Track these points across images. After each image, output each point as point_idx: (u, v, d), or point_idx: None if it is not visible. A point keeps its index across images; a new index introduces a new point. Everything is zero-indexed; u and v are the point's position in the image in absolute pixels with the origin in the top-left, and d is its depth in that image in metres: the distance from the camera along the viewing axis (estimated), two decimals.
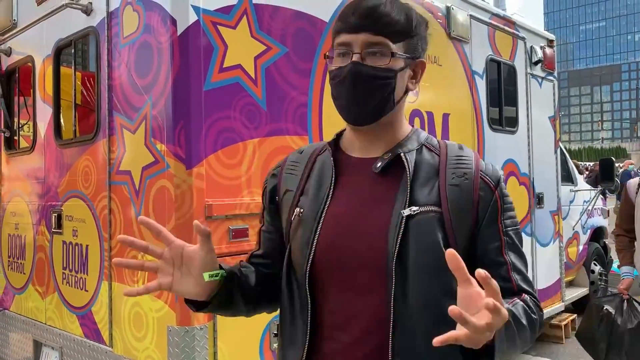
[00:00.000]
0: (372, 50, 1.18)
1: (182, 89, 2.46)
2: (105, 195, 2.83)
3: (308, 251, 1.21)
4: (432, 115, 3.75)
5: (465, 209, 1.18)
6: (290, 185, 1.31)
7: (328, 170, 1.26)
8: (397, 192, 1.19)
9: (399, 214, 1.16)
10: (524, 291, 1.20)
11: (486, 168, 1.24)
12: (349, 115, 1.23)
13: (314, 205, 1.24)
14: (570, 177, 6.25)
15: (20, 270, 3.70)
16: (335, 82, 1.22)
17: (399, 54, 1.19)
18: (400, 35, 1.20)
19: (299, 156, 1.35)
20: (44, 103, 3.48)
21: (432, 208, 1.17)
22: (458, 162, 1.23)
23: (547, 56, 5.18)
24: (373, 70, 1.17)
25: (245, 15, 2.66)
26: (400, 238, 1.15)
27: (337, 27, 1.22)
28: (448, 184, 1.19)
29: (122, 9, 2.75)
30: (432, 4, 3.83)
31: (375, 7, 1.17)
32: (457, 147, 1.28)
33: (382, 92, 1.19)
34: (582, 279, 6.34)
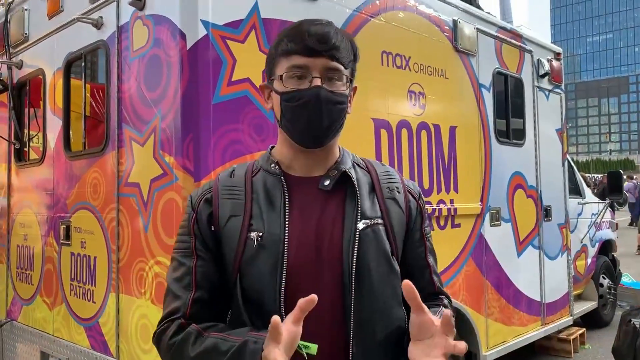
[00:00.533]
0: (330, 75, 1.22)
1: (191, 102, 2.48)
2: (113, 207, 2.85)
3: (278, 276, 1.18)
4: (439, 127, 3.76)
5: (401, 219, 1.32)
6: (233, 210, 1.24)
7: (276, 191, 1.25)
8: (344, 207, 1.26)
9: (353, 228, 1.23)
10: (441, 292, 1.40)
11: (408, 182, 1.39)
12: (307, 137, 1.24)
13: (272, 228, 1.21)
14: (578, 189, 6.23)
15: (29, 281, 3.72)
16: (294, 104, 1.21)
17: (348, 80, 1.26)
18: (349, 62, 1.26)
19: (233, 180, 1.29)
20: (53, 115, 3.52)
21: (378, 220, 1.27)
22: (388, 177, 1.35)
23: (554, 69, 5.19)
24: (334, 96, 1.22)
25: (254, 29, 2.69)
26: (357, 250, 1.22)
27: (290, 48, 1.21)
28: (385, 198, 1.31)
29: (132, 23, 2.79)
30: (439, 17, 3.85)
31: (328, 34, 1.21)
32: (379, 164, 1.40)
33: (339, 117, 1.25)
34: (591, 292, 6.29)
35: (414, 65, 3.60)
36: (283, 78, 1.22)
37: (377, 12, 3.37)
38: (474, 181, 4.07)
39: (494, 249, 4.20)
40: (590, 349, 5.67)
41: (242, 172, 1.31)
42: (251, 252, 1.21)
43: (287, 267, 1.19)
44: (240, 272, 1.21)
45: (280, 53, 1.23)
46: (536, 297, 4.73)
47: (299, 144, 1.26)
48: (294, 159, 1.29)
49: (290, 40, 1.21)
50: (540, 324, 4.79)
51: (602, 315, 6.47)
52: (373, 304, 1.23)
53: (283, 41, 1.23)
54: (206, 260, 1.24)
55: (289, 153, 1.29)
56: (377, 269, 1.24)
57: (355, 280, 1.21)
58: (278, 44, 1.25)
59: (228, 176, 1.31)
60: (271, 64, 1.27)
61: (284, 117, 1.24)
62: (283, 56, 1.22)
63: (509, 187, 4.45)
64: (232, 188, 1.27)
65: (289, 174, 1.28)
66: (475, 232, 4.03)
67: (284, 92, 1.22)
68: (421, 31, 3.69)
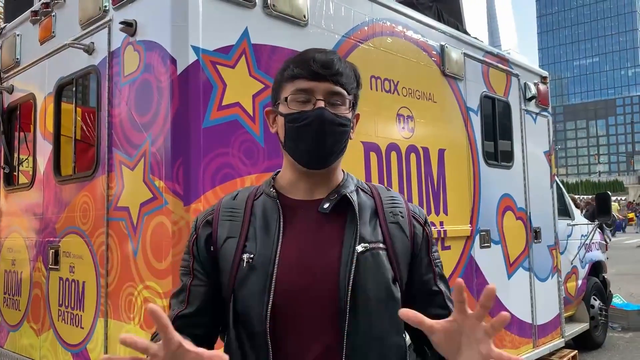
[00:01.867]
0: (334, 99, 1.26)
1: (181, 127, 2.50)
2: (102, 231, 2.84)
3: (266, 297, 1.19)
4: (427, 150, 3.80)
5: (405, 244, 1.30)
6: (231, 232, 1.27)
7: (273, 214, 1.26)
8: (343, 230, 1.26)
9: (351, 250, 1.23)
10: None
11: (413, 208, 1.38)
12: (310, 157, 1.26)
13: (264, 250, 1.22)
14: (567, 211, 6.27)
15: (16, 307, 3.68)
16: (298, 125, 1.24)
17: (351, 104, 1.30)
18: (352, 88, 1.30)
19: (234, 202, 1.32)
20: (44, 140, 3.52)
21: (379, 245, 1.26)
22: (392, 202, 1.35)
23: (541, 92, 5.27)
24: (337, 118, 1.25)
25: (244, 55, 2.73)
26: (353, 274, 1.21)
27: (295, 72, 1.25)
28: (388, 222, 1.30)
29: (123, 49, 2.82)
30: (426, 42, 3.92)
31: (332, 60, 1.26)
32: (385, 189, 1.40)
33: (341, 139, 1.28)
34: (582, 314, 6.29)
35: (403, 89, 3.65)
36: (288, 100, 1.25)
37: (365, 38, 3.42)
38: (463, 203, 4.10)
39: (484, 271, 4.21)
40: None
41: (244, 196, 1.33)
42: (243, 273, 1.22)
43: (276, 288, 1.19)
44: (234, 292, 1.23)
45: (286, 78, 1.27)
46: (527, 319, 4.73)
47: (302, 165, 1.27)
48: (297, 182, 1.30)
49: (296, 65, 1.26)
50: (532, 346, 4.78)
51: (594, 336, 6.46)
52: (369, 330, 1.22)
53: (289, 67, 1.27)
54: (201, 281, 1.27)
55: (293, 176, 1.31)
56: (375, 294, 1.22)
57: (351, 305, 1.19)
58: (284, 69, 1.29)
59: (231, 199, 1.34)
60: (277, 89, 1.31)
61: (287, 138, 1.27)
62: (289, 80, 1.26)
63: (498, 209, 4.49)
64: (233, 210, 1.30)
65: (289, 197, 1.30)
66: (466, 254, 4.05)
67: (288, 114, 1.26)
68: (409, 56, 3.76)
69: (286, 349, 1.19)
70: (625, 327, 7.47)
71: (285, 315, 1.19)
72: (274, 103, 1.33)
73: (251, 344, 1.20)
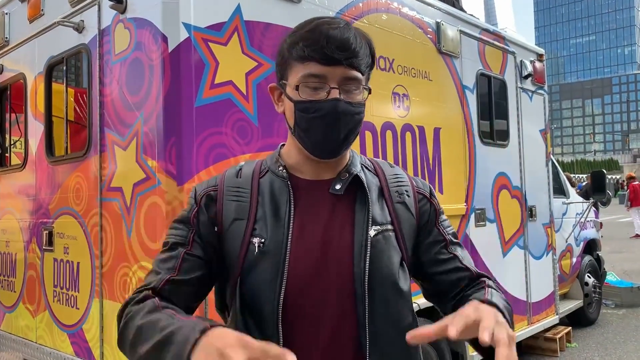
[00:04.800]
0: (348, 85, 1.16)
1: (173, 106, 2.46)
2: (96, 212, 2.83)
3: (278, 285, 1.14)
4: (423, 129, 3.78)
5: (411, 223, 1.27)
6: (238, 213, 1.20)
7: (282, 195, 1.20)
8: (354, 212, 1.21)
9: (364, 235, 1.18)
10: (481, 275, 1.29)
11: (417, 182, 1.34)
12: (322, 149, 1.19)
13: (275, 234, 1.16)
14: (563, 189, 6.28)
15: (11, 289, 3.67)
16: (311, 115, 1.15)
17: (366, 87, 1.20)
18: (367, 68, 1.20)
19: (239, 181, 1.24)
20: (35, 120, 3.48)
21: (388, 227, 1.23)
22: (397, 180, 1.30)
23: (537, 70, 5.23)
24: (352, 107, 1.16)
25: (237, 32, 2.68)
26: (369, 258, 1.17)
27: (307, 54, 1.13)
28: (395, 202, 1.26)
29: (113, 27, 2.77)
30: (422, 19, 3.87)
31: (348, 40, 1.13)
32: (388, 165, 1.34)
33: (356, 127, 1.20)
34: (576, 291, 6.35)
35: (398, 67, 3.61)
36: (299, 88, 1.15)
37: (360, 15, 3.38)
38: (458, 182, 4.09)
39: (479, 250, 4.22)
40: (577, 347, 5.71)
41: (249, 172, 1.25)
42: (252, 258, 1.16)
43: (289, 276, 1.14)
44: (241, 277, 1.17)
45: (296, 57, 1.15)
46: (522, 296, 4.76)
47: (312, 155, 1.20)
48: (304, 163, 1.24)
49: (307, 45, 1.13)
50: (527, 324, 4.82)
51: (588, 313, 6.52)
52: (386, 315, 1.18)
53: (299, 45, 1.14)
54: (198, 252, 1.18)
55: (299, 157, 1.24)
56: (389, 277, 1.19)
57: (368, 289, 1.15)
58: (292, 46, 1.16)
59: (234, 175, 1.25)
60: (283, 67, 1.20)
61: (297, 127, 1.18)
62: (298, 61, 1.15)
63: (494, 187, 4.48)
64: (238, 189, 1.22)
65: (298, 177, 1.23)
66: (461, 232, 4.05)
67: (299, 102, 1.16)
68: (404, 33, 3.71)
69: (297, 337, 1.15)
70: (618, 304, 7.55)
71: (297, 302, 1.15)
72: (279, 80, 1.22)
73: (260, 331, 1.15)
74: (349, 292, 1.16)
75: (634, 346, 5.69)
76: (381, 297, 1.18)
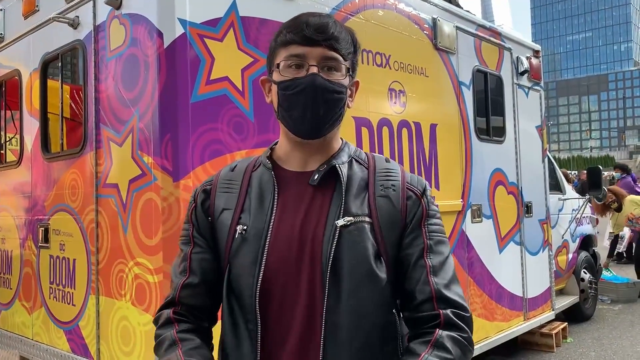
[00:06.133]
0: (328, 64, 1.20)
1: (168, 102, 2.46)
2: (92, 208, 2.82)
3: (257, 270, 1.19)
4: (419, 125, 3.78)
5: (394, 218, 1.23)
6: (227, 203, 1.26)
7: (268, 186, 1.25)
8: (330, 203, 1.22)
9: (333, 225, 1.19)
10: (443, 300, 1.18)
11: (411, 179, 1.29)
12: (302, 126, 1.22)
13: (257, 222, 1.22)
14: (559, 185, 6.30)
15: (7, 286, 3.66)
16: (290, 92, 1.20)
17: (348, 70, 1.24)
18: (348, 53, 1.24)
19: (232, 174, 1.31)
20: (30, 117, 3.47)
21: (364, 219, 1.20)
22: (386, 174, 1.27)
23: (533, 66, 5.24)
24: (331, 84, 1.20)
25: (232, 27, 2.68)
26: (334, 248, 1.17)
27: (288, 38, 1.21)
28: (377, 196, 1.23)
29: (109, 23, 2.76)
30: (418, 15, 3.87)
31: (327, 24, 1.20)
32: (384, 160, 1.32)
33: (336, 106, 1.22)
34: (572, 287, 6.37)
35: (394, 63, 3.61)
36: (280, 67, 1.21)
37: (356, 11, 3.37)
38: (454, 178, 4.10)
39: (475, 245, 4.23)
40: (573, 342, 5.73)
41: (243, 167, 1.31)
42: (237, 244, 1.22)
43: (266, 262, 1.18)
44: (229, 264, 1.23)
45: (280, 44, 1.23)
46: (518, 292, 4.78)
47: (295, 134, 1.23)
48: (291, 152, 1.27)
49: (289, 31, 1.21)
50: (523, 319, 4.84)
51: (584, 309, 6.55)
52: (349, 305, 1.17)
53: (282, 32, 1.23)
54: (202, 248, 1.26)
55: (287, 146, 1.28)
56: (356, 269, 1.17)
57: (332, 279, 1.17)
58: (277, 35, 1.24)
59: (229, 170, 1.32)
60: (271, 56, 1.27)
61: (280, 107, 1.23)
62: (282, 46, 1.22)
63: (490, 183, 4.49)
64: (230, 182, 1.29)
65: (284, 169, 1.27)
66: (457, 228, 4.06)
67: (281, 81, 1.21)
68: (401, 29, 3.71)
69: (274, 320, 1.19)
70: (614, 300, 7.57)
71: (274, 287, 1.19)
72: (269, 71, 1.28)
73: (242, 314, 1.20)
74: (318, 280, 1.18)
75: (630, 341, 5.72)
76: (348, 289, 1.17)
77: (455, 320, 1.17)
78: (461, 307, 1.19)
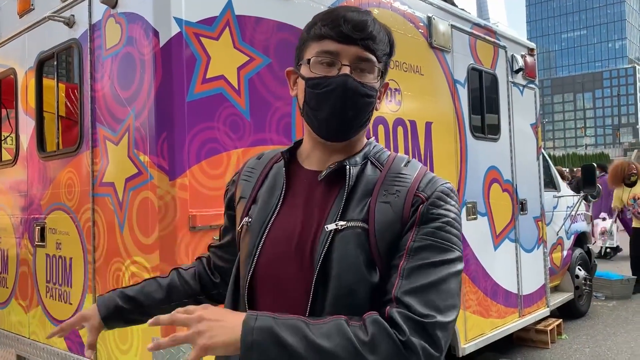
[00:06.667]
0: (361, 65, 1.15)
1: (164, 101, 2.46)
2: (88, 207, 2.82)
3: (250, 262, 1.20)
4: (414, 123, 3.79)
5: (392, 225, 1.13)
6: (244, 192, 1.31)
7: (279, 181, 1.24)
8: (332, 204, 1.17)
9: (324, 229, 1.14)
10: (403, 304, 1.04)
11: (425, 184, 1.16)
12: (328, 128, 1.17)
13: (261, 215, 1.22)
14: (554, 183, 6.33)
15: (3, 285, 3.66)
16: (319, 91, 1.15)
17: (380, 73, 1.19)
18: (384, 55, 1.19)
19: (257, 162, 1.35)
20: (26, 115, 3.46)
21: (360, 224, 1.13)
22: (394, 179, 1.18)
23: (528, 64, 5.26)
24: (362, 87, 1.15)
25: (228, 26, 2.68)
26: (325, 253, 1.12)
27: (323, 32, 1.15)
28: (378, 201, 1.15)
29: (104, 21, 2.76)
30: (413, 14, 3.88)
31: (365, 22, 1.14)
32: (403, 163, 1.21)
33: (365, 110, 1.17)
34: (567, 284, 6.41)
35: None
36: (311, 62, 1.16)
37: None
38: (449, 176, 4.12)
39: (470, 243, 4.25)
40: (567, 338, 5.77)
41: (268, 157, 1.35)
42: (242, 235, 1.26)
43: (259, 256, 1.19)
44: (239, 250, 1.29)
45: (312, 36, 1.17)
46: (513, 289, 4.81)
47: (319, 136, 1.19)
48: (312, 151, 1.24)
49: (325, 24, 1.15)
50: (518, 316, 4.87)
51: (579, 306, 6.59)
52: (334, 311, 1.10)
53: (317, 25, 1.17)
54: (227, 227, 1.43)
55: (309, 144, 1.25)
56: (345, 275, 1.11)
57: (320, 283, 1.12)
58: (311, 27, 1.18)
59: (256, 158, 1.37)
60: (301, 48, 1.21)
61: (306, 105, 1.18)
62: (314, 40, 1.16)
63: (485, 181, 4.51)
64: (252, 171, 1.33)
65: (300, 165, 1.25)
66: None
67: (310, 78, 1.16)
68: (396, 28, 3.72)
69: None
70: (609, 296, 7.62)
71: (263, 282, 1.19)
72: (296, 63, 1.23)
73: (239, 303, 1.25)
74: (307, 283, 1.13)
75: (624, 337, 5.76)
76: (333, 295, 1.11)
77: (399, 319, 1.01)
78: (418, 313, 1.02)
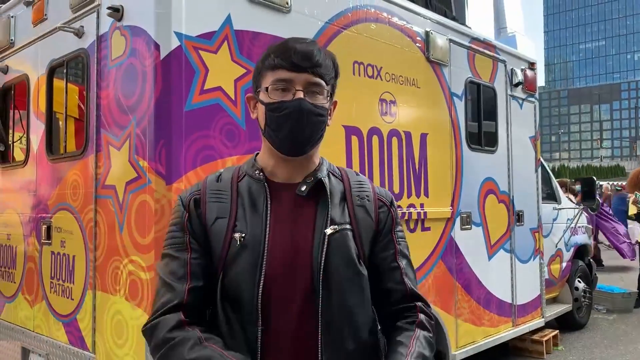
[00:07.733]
0: (312, 89, 1.34)
1: (163, 110, 2.61)
2: (91, 208, 2.98)
3: (258, 274, 1.29)
4: (409, 134, 3.91)
5: (369, 225, 1.42)
6: (220, 212, 1.34)
7: (260, 196, 1.36)
8: (316, 213, 1.36)
9: (322, 233, 1.33)
10: (415, 296, 1.44)
11: (380, 191, 1.49)
12: (289, 146, 1.35)
13: (254, 229, 1.32)
14: (554, 195, 6.39)
15: (11, 280, 3.83)
16: (278, 114, 1.32)
17: (329, 94, 1.38)
18: (330, 78, 1.39)
19: (219, 185, 1.39)
20: (37, 119, 3.64)
21: (346, 226, 1.37)
22: (360, 187, 1.46)
23: (528, 78, 5.36)
24: (315, 108, 1.34)
25: (226, 40, 2.83)
26: (325, 254, 1.31)
27: (276, 62, 1.32)
28: (355, 205, 1.41)
29: (111, 33, 2.92)
30: (411, 28, 4.00)
31: (312, 52, 1.34)
32: (354, 173, 1.51)
33: (319, 127, 1.37)
34: (566, 295, 6.46)
35: (386, 74, 3.75)
36: (269, 89, 1.33)
37: (349, 24, 3.51)
38: (444, 186, 4.22)
39: (464, 252, 4.35)
40: (563, 350, 5.82)
41: (228, 177, 1.41)
42: (234, 251, 1.30)
43: (266, 266, 1.29)
44: (224, 270, 1.31)
45: (267, 67, 1.34)
46: (507, 299, 4.88)
47: (281, 152, 1.35)
48: (276, 167, 1.39)
49: (277, 55, 1.32)
50: (511, 325, 4.94)
51: (578, 318, 6.63)
52: (341, 304, 1.31)
53: (270, 56, 1.34)
54: (200, 254, 1.32)
55: (271, 160, 1.39)
56: (344, 272, 1.33)
57: (324, 282, 1.30)
58: (265, 58, 1.35)
59: (215, 180, 1.40)
60: (258, 77, 1.38)
61: (268, 127, 1.35)
62: (269, 70, 1.33)
63: (480, 192, 4.61)
64: (219, 192, 1.37)
65: (272, 180, 1.38)
66: (446, 235, 4.18)
67: (269, 103, 1.33)
68: (393, 42, 3.84)
69: (272, 323, 1.30)
70: (610, 309, 7.64)
71: (272, 291, 1.30)
72: (255, 90, 1.40)
73: (240, 318, 1.29)
74: (310, 284, 1.32)
75: (620, 350, 5.80)
76: (338, 291, 1.31)
77: (425, 309, 1.44)
78: (424, 300, 1.46)
